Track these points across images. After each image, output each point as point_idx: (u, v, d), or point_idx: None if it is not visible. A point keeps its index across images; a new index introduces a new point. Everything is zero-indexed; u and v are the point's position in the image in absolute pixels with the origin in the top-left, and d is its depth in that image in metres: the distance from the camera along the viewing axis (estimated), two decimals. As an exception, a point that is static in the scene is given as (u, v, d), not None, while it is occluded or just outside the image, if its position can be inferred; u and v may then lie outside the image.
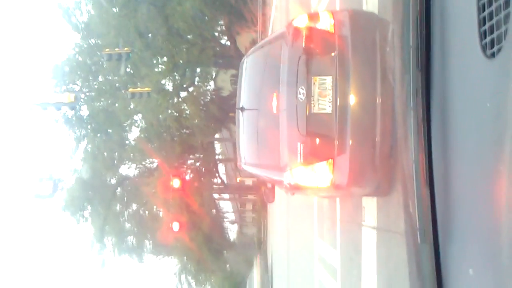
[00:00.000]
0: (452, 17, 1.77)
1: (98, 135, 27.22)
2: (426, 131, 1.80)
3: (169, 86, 25.87)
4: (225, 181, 33.54)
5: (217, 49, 26.75)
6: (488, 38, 1.46)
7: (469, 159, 1.63)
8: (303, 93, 4.67)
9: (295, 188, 5.12)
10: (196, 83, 26.59)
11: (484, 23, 1.48)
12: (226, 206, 36.72)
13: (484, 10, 1.48)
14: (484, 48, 1.47)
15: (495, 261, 1.37)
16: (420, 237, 1.75)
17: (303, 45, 4.76)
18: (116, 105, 25.98)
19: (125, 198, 29.89)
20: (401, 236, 4.22)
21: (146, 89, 22.92)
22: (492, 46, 1.44)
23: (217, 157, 32.63)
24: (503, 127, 1.32)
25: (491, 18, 1.45)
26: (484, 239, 1.50)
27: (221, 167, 33.84)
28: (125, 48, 22.35)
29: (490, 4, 1.45)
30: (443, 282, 1.73)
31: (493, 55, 1.43)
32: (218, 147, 34.68)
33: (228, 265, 31.90)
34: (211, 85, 28.77)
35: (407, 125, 1.87)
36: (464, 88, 1.65)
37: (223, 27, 27.81)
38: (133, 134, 28.28)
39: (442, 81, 1.79)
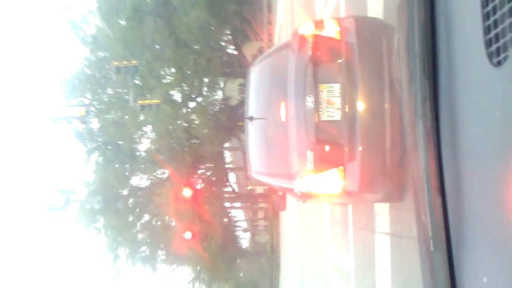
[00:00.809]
0: (457, 24, 1.78)
1: (109, 147, 27.42)
2: (435, 139, 1.80)
3: (177, 97, 26.03)
4: (236, 190, 33.53)
5: (224, 58, 26.89)
6: (494, 46, 1.46)
7: (479, 166, 1.63)
8: (311, 101, 4.69)
9: (306, 196, 5.12)
10: (204, 93, 26.73)
11: (490, 31, 1.48)
12: (238, 214, 36.67)
13: (489, 18, 1.49)
14: (490, 56, 1.48)
15: (509, 269, 1.37)
16: (433, 245, 1.75)
17: (310, 53, 4.78)
18: (126, 117, 26.17)
19: (137, 209, 30.00)
20: (415, 241, 4.19)
21: (155, 101, 23.07)
22: (498, 54, 1.44)
23: (227, 166, 32.67)
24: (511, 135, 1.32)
25: (496, 26, 1.45)
26: (498, 247, 1.49)
27: (232, 176, 33.88)
28: (133, 61, 22.55)
29: (494, 12, 1.46)
30: None
31: (499, 63, 1.44)
32: (228, 156, 34.73)
33: (241, 273, 31.81)
34: (219, 94, 28.89)
35: (416, 133, 1.87)
36: (472, 96, 1.66)
37: (230, 37, 27.96)
38: (144, 145, 28.48)
39: (450, 89, 1.79)
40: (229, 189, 31.50)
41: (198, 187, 26.91)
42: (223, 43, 27.96)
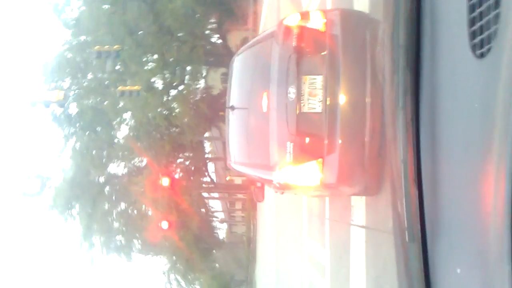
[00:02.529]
0: (442, 16, 1.78)
1: (87, 133, 26.99)
2: (414, 130, 1.81)
3: (159, 84, 25.76)
4: (215, 180, 33.49)
5: (208, 47, 26.68)
6: (478, 38, 1.46)
7: (457, 158, 1.64)
8: (293, 92, 4.68)
9: (284, 187, 5.13)
10: (186, 81, 26.49)
11: (474, 23, 1.48)
12: (216, 205, 36.69)
13: (474, 10, 1.49)
14: (473, 48, 1.48)
15: (483, 260, 1.38)
16: (408, 236, 1.76)
17: (294, 44, 4.76)
18: (105, 103, 25.78)
19: (114, 197, 29.70)
20: (389, 235, 4.24)
21: (136, 87, 22.79)
22: (482, 46, 1.44)
23: (206, 156, 32.58)
24: (491, 128, 1.33)
25: (481, 18, 1.45)
26: (472, 238, 1.50)
27: (211, 166, 33.81)
28: (115, 46, 22.18)
29: (480, 4, 1.46)
30: (431, 281, 1.74)
31: (482, 55, 1.44)
32: (208, 146, 34.61)
33: (217, 264, 31.88)
34: (201, 83, 28.70)
35: (395, 124, 1.87)
36: (453, 88, 1.66)
37: (214, 25, 27.75)
38: (122, 132, 28.11)
39: (432, 81, 1.79)
40: (207, 179, 31.45)
41: (176, 176, 26.78)
42: (207, 32, 27.73)
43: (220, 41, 28.11)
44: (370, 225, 5.19)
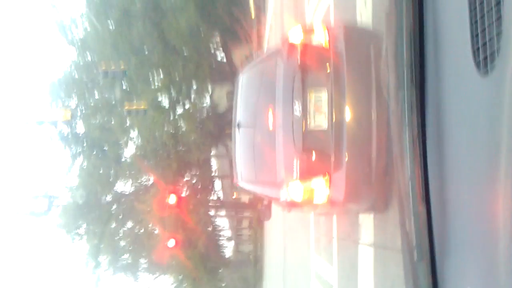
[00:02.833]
0: (445, 33, 1.79)
1: (94, 152, 27.12)
2: (421, 147, 1.80)
3: (165, 102, 25.91)
4: (222, 198, 33.39)
5: (213, 65, 26.89)
6: (482, 56, 1.46)
7: (464, 175, 1.63)
8: (299, 109, 4.69)
9: (291, 205, 5.10)
10: (192, 99, 26.64)
11: (478, 41, 1.49)
12: (222, 223, 36.48)
13: (477, 28, 1.49)
14: (478, 66, 1.48)
15: (493, 278, 1.36)
16: (417, 254, 1.73)
17: (299, 61, 4.79)
18: (112, 122, 25.95)
19: (121, 216, 29.65)
20: (398, 253, 4.19)
21: (142, 106, 22.94)
22: (486, 64, 1.44)
23: (213, 174, 32.54)
24: (497, 144, 1.32)
25: (484, 35, 1.46)
26: (481, 256, 1.48)
27: (218, 184, 33.74)
28: (121, 66, 22.41)
29: (482, 22, 1.47)
30: None
31: (486, 72, 1.44)
32: (214, 163, 34.61)
33: (224, 283, 31.58)
34: (207, 101, 28.84)
35: (402, 141, 1.87)
36: (459, 105, 1.66)
37: (219, 43, 28.00)
38: (129, 151, 28.21)
39: (437, 98, 1.79)
40: (214, 197, 31.36)
41: (183, 194, 26.72)
42: (212, 50, 27.98)
43: (225, 58, 28.33)
44: (378, 243, 5.13)
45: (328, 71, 4.62)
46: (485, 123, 1.44)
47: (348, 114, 4.52)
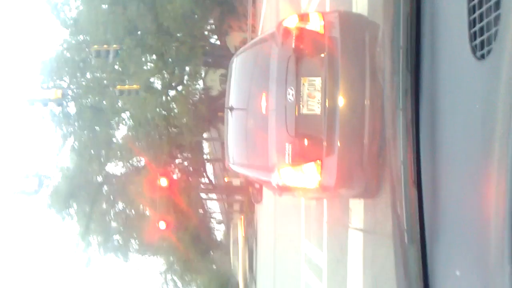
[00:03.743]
0: (442, 18, 1.78)
1: (85, 132, 26.94)
2: (414, 132, 1.80)
3: (157, 84, 25.73)
4: (213, 181, 33.47)
5: (207, 48, 26.67)
6: (478, 40, 1.46)
7: (457, 160, 1.63)
8: (292, 93, 4.67)
9: (282, 189, 5.12)
10: (185, 82, 26.47)
11: (475, 25, 1.48)
12: (214, 206, 36.64)
13: (474, 12, 1.48)
14: (474, 50, 1.48)
15: (482, 262, 1.37)
16: (408, 238, 1.75)
17: (293, 46, 4.76)
18: (104, 102, 25.74)
19: (111, 197, 29.65)
20: (387, 238, 4.24)
21: (135, 86, 22.76)
22: (482, 48, 1.44)
23: (205, 156, 32.56)
24: (492, 129, 1.32)
25: (481, 19, 1.45)
26: (471, 240, 1.50)
27: (209, 167, 33.78)
28: (114, 45, 22.15)
29: (480, 6, 1.46)
30: (430, 283, 1.73)
31: (483, 56, 1.44)
32: (206, 146, 34.59)
33: (214, 265, 31.85)
34: (200, 84, 28.70)
35: (395, 126, 1.87)
36: (453, 89, 1.66)
37: (213, 26, 27.76)
38: (121, 132, 28.08)
39: (432, 82, 1.79)
40: (205, 180, 31.42)
41: (175, 177, 26.74)
42: (206, 32, 27.73)
43: (219, 42, 28.11)
44: (368, 228, 5.18)
45: (323, 56, 4.60)
46: (480, 108, 1.44)
47: (341, 100, 4.52)
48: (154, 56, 24.49)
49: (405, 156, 1.79)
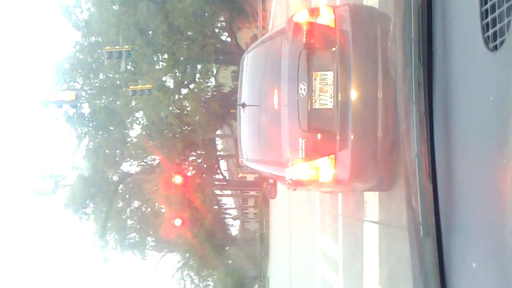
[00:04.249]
0: (454, 9, 1.77)
1: (100, 132, 27.23)
2: (428, 124, 1.80)
3: (170, 83, 25.87)
4: (227, 177, 33.57)
5: (218, 45, 26.70)
6: (491, 31, 1.45)
7: (472, 152, 1.63)
8: (304, 88, 4.66)
9: (297, 184, 5.12)
10: (197, 79, 26.56)
11: (487, 16, 1.47)
12: (228, 202, 36.80)
13: (486, 3, 1.47)
14: (486, 41, 1.47)
15: (499, 254, 1.37)
16: (423, 230, 1.75)
17: (304, 41, 4.74)
18: (118, 102, 25.97)
19: (127, 195, 29.95)
20: (402, 230, 4.22)
21: (147, 86, 22.90)
22: (495, 39, 1.43)
23: (218, 153, 32.65)
24: (506, 120, 1.32)
25: (493, 10, 1.44)
26: (488, 233, 1.49)
27: (223, 164, 33.89)
28: (126, 46, 22.29)
29: (492, -4, 1.45)
30: (446, 276, 1.73)
31: (495, 47, 1.43)
32: (219, 143, 34.71)
33: (230, 261, 32.00)
34: (212, 81, 28.75)
35: (409, 119, 1.87)
36: (467, 81, 1.65)
37: (224, 23, 27.76)
38: (135, 131, 28.35)
39: (445, 74, 1.78)
40: (219, 176, 31.54)
41: (189, 174, 26.90)
42: (217, 30, 27.75)
43: (229, 39, 28.11)
44: (384, 220, 5.17)
45: (334, 50, 4.58)
46: (494, 100, 1.44)
47: (354, 93, 4.49)
48: (165, 55, 24.60)
49: (419, 149, 1.78)
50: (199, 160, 28.96)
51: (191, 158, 28.90)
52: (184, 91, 26.52)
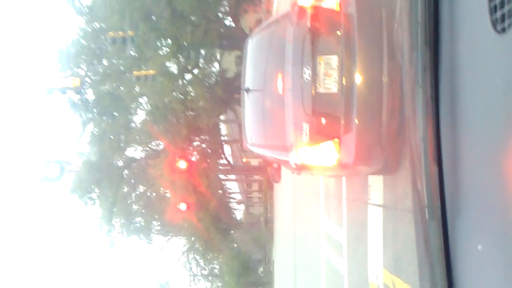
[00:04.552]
0: None
1: (104, 118, 27.28)
2: (434, 108, 1.79)
3: (173, 68, 25.78)
4: (231, 162, 33.66)
5: (222, 30, 26.52)
6: (499, 13, 1.44)
7: (478, 135, 1.63)
8: (308, 73, 4.64)
9: (301, 168, 5.14)
10: (200, 65, 26.45)
11: (495, -2, 1.46)
12: (233, 186, 36.94)
13: (494, -16, 1.46)
14: (494, 23, 1.45)
15: (504, 237, 1.38)
16: (428, 213, 1.76)
17: (308, 25, 4.71)
18: (122, 88, 25.95)
19: (132, 180, 30.13)
20: (407, 213, 4.24)
21: (151, 72, 22.84)
22: (503, 21, 1.42)
23: (222, 138, 32.68)
24: (513, 104, 1.31)
25: (501, -8, 1.43)
26: (493, 215, 1.50)
27: (227, 148, 33.95)
28: (129, 32, 22.19)
29: (500, -22, 1.43)
30: (451, 258, 1.74)
31: (503, 30, 1.42)
32: (223, 128, 34.70)
33: (235, 244, 32.27)
34: (216, 66, 28.63)
35: (415, 102, 1.86)
36: (474, 64, 1.64)
37: (227, 8, 27.52)
38: (139, 117, 28.40)
39: (451, 57, 1.77)
40: (224, 161, 31.63)
41: (193, 159, 26.98)
42: (220, 15, 27.52)
43: (233, 23, 27.90)
44: (388, 203, 5.19)
45: (339, 33, 4.54)
46: (501, 83, 1.43)
47: (359, 77, 4.48)
48: (169, 41, 24.47)
49: (425, 132, 1.78)
50: (203, 145, 29.03)
51: (195, 143, 28.96)
52: (187, 76, 26.44)
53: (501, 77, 1.43)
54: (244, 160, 35.05)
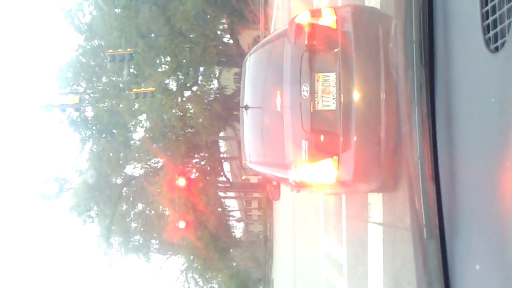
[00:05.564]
0: (455, 11, 1.77)
1: (103, 135, 27.30)
2: (430, 126, 1.80)
3: (172, 85, 25.93)
4: (231, 179, 33.58)
5: (220, 47, 26.74)
6: (492, 32, 1.45)
7: (474, 154, 1.63)
8: (306, 90, 4.66)
9: (300, 185, 5.12)
10: (199, 82, 26.60)
11: (488, 17, 1.47)
12: (232, 204, 36.80)
13: (487, 4, 1.47)
14: (487, 42, 1.47)
15: (502, 256, 1.37)
16: (426, 232, 1.75)
17: (306, 42, 4.74)
18: (121, 105, 26.03)
19: (131, 198, 30.00)
20: (407, 232, 4.22)
21: (150, 89, 22.94)
22: (496, 40, 1.43)
23: (222, 155, 32.68)
24: (508, 122, 1.31)
25: (494, 11, 1.44)
26: (491, 234, 1.49)
27: (226, 166, 33.91)
28: (128, 49, 22.35)
29: (493, -2, 1.45)
30: (450, 278, 1.73)
31: (496, 49, 1.43)
32: (223, 145, 34.73)
33: (234, 263, 32.00)
34: (215, 84, 28.79)
35: (411, 120, 1.87)
36: (468, 82, 1.65)
37: (226, 26, 27.80)
38: (138, 134, 28.40)
39: (446, 76, 1.78)
40: (223, 178, 31.55)
41: (192, 176, 26.92)
42: (219, 32, 27.80)
43: (232, 41, 28.16)
44: (388, 222, 5.16)
45: (336, 51, 4.58)
46: (496, 102, 1.43)
47: (357, 94, 4.49)
48: (168, 58, 24.65)
49: (421, 151, 1.78)
50: (203, 163, 29.00)
51: (194, 161, 28.94)
52: (187, 93, 26.57)
53: (496, 96, 1.43)
54: (243, 177, 34.98)
